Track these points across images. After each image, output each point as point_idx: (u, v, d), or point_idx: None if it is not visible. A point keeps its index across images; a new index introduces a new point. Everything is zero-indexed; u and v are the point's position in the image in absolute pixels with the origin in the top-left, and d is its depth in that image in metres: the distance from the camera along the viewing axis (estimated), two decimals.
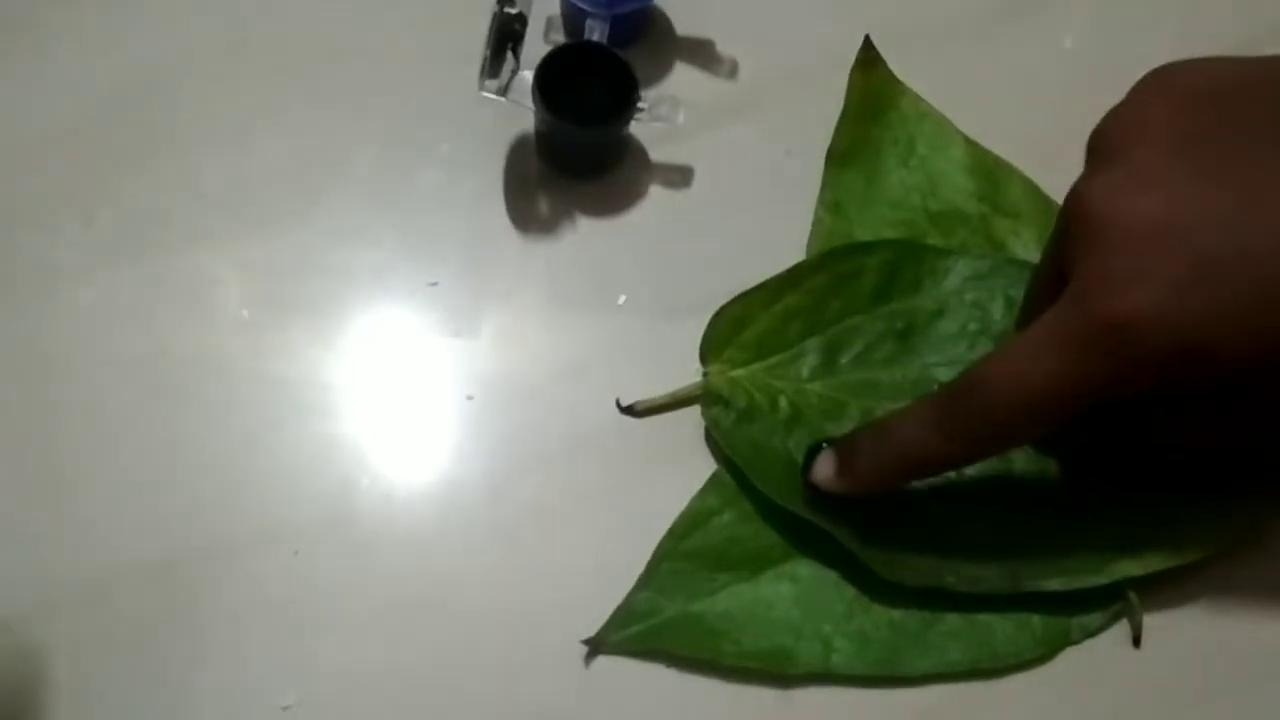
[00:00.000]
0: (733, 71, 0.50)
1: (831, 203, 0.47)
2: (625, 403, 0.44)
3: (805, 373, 0.44)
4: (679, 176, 0.49)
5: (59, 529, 0.42)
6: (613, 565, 0.42)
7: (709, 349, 0.44)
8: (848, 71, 0.49)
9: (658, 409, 0.44)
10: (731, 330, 0.44)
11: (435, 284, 0.47)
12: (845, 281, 0.45)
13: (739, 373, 0.44)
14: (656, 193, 0.48)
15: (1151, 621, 0.42)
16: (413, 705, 0.40)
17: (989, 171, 0.48)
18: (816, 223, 0.47)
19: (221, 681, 0.40)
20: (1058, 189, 0.43)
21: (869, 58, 0.49)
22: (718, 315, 0.44)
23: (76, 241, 0.47)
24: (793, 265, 0.45)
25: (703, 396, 0.44)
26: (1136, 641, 0.41)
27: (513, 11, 0.43)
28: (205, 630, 0.40)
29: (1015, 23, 0.52)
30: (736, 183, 0.48)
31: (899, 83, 0.49)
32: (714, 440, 0.43)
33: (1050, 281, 0.37)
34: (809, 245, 0.46)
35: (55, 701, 0.39)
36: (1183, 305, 0.33)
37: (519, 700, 0.41)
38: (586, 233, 0.48)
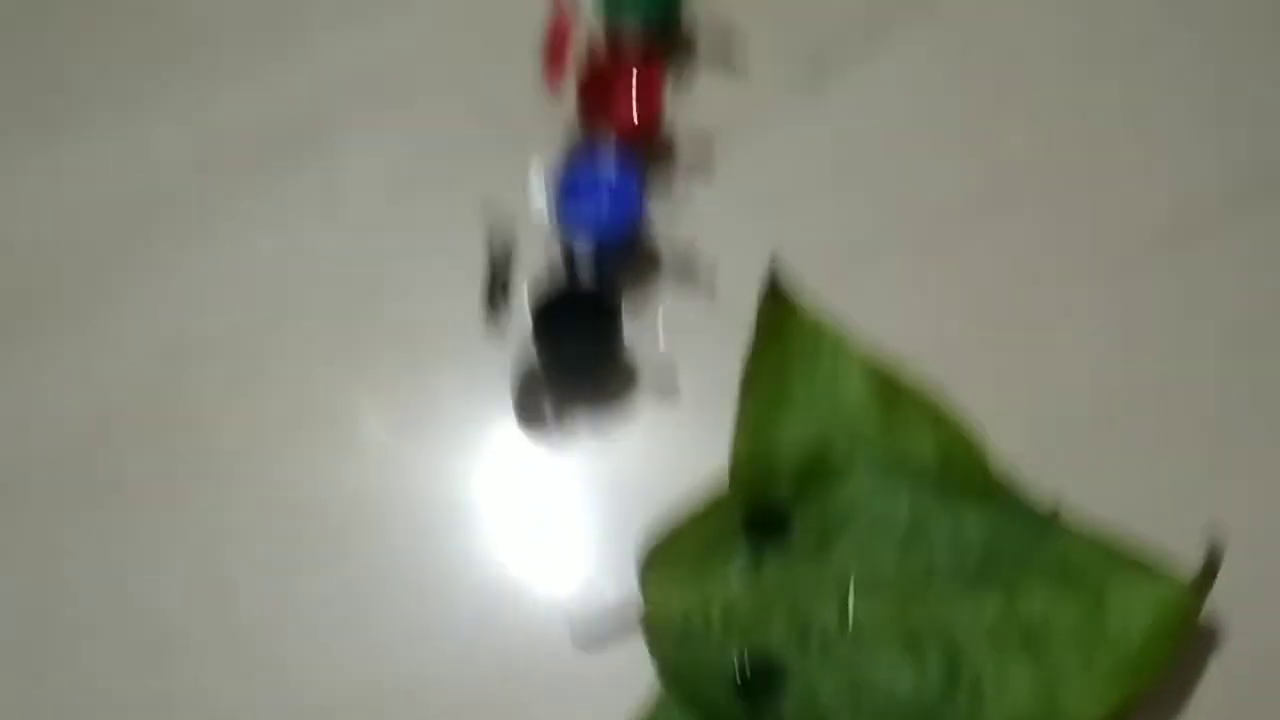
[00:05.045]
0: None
1: (743, 431, 0.48)
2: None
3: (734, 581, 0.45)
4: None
5: None
6: None
7: (644, 571, 0.46)
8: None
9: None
10: (665, 553, 0.46)
11: None
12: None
13: (672, 591, 0.45)
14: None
15: None
16: None
17: (889, 397, 0.49)
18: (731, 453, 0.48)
19: None
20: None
21: (772, 280, 0.49)
22: (649, 540, 0.46)
23: None
24: (714, 499, 0.47)
25: (642, 621, 0.45)
26: None
27: (501, 251, 0.45)
28: None
29: None
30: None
31: (798, 307, 0.49)
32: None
33: None
34: (730, 476, 0.48)
35: None
36: None
37: None
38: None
